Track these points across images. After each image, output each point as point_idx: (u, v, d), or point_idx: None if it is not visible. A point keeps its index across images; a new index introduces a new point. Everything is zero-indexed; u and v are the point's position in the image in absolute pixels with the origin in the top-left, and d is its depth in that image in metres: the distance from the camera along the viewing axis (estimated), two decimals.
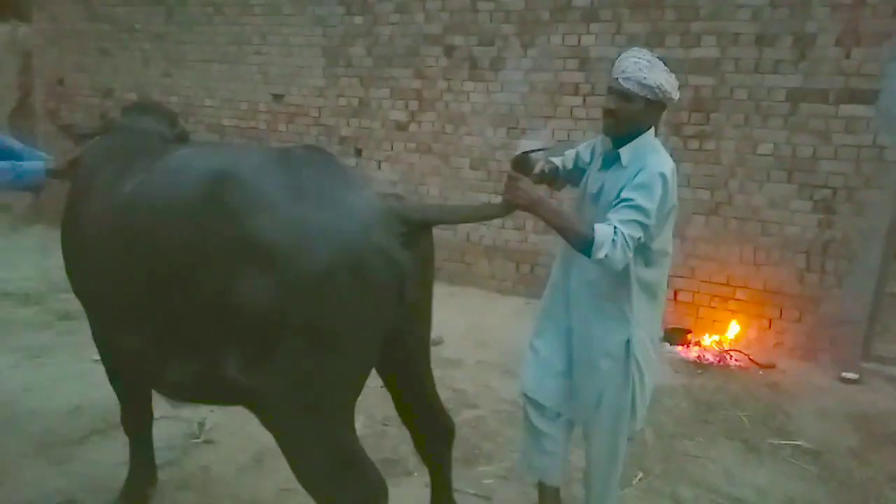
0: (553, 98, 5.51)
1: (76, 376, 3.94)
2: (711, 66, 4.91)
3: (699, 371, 4.57)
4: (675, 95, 2.22)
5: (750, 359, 4.72)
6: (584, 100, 5.40)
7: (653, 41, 5.05)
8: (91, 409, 3.50)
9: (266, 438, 3.26)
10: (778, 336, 4.88)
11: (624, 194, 2.13)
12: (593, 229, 2.05)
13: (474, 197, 5.88)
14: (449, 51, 5.84)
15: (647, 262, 2.27)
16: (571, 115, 5.46)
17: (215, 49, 6.89)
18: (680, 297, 5.17)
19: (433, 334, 4.98)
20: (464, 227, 5.95)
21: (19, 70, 8.79)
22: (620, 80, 2.18)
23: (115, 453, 3.08)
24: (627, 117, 2.20)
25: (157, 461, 3.00)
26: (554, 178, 2.52)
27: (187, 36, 7.02)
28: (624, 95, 2.19)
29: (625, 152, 2.25)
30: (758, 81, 4.79)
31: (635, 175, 2.17)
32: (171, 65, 7.19)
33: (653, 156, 2.20)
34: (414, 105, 6.05)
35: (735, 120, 4.89)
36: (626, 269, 2.19)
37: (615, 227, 2.05)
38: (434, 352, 4.51)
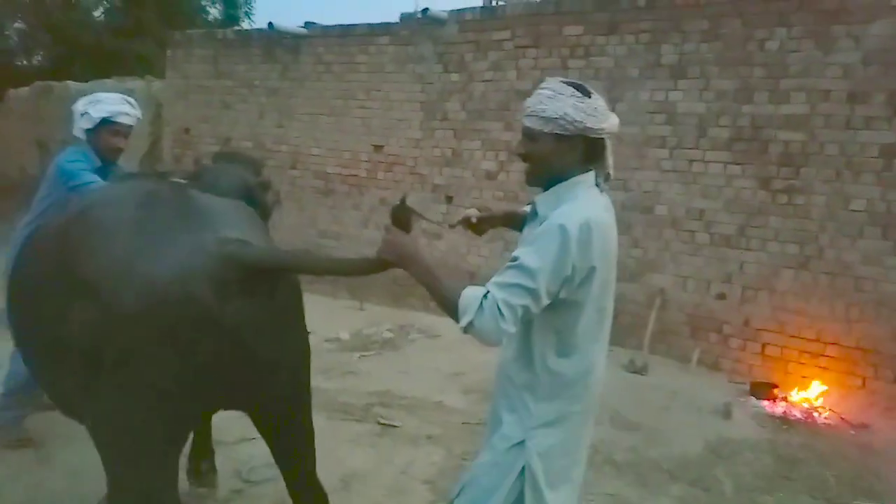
0: (640, 150, 5.66)
1: None
2: (801, 121, 4.94)
3: (785, 427, 4.50)
4: (599, 124, 1.78)
5: (840, 417, 4.60)
6: (671, 153, 5.53)
7: (741, 97, 5.14)
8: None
9: (353, 462, 3.59)
10: (871, 396, 4.74)
11: (514, 252, 1.74)
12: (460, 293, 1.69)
13: None
14: None
15: (562, 351, 1.80)
16: (658, 167, 5.59)
17: (324, 103, 7.49)
18: (768, 350, 5.12)
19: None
20: None
21: (151, 120, 9.80)
22: (524, 118, 1.83)
23: (221, 466, 3.41)
24: (539, 160, 1.83)
25: (257, 478, 3.32)
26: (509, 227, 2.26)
27: (299, 91, 7.67)
28: (529, 135, 1.82)
29: (541, 203, 1.87)
30: (849, 137, 4.78)
31: None
32: (284, 117, 7.85)
33: (566, 205, 1.76)
34: (503, 156, 6.35)
35: (825, 175, 4.88)
36: (532, 353, 1.81)
37: (486, 292, 1.66)
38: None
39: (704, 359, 5.40)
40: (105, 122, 3.35)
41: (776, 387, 4.93)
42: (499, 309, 1.64)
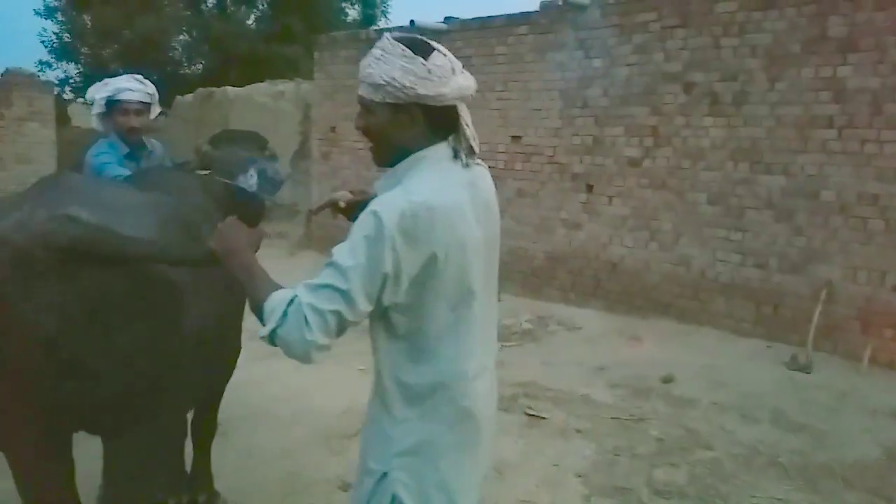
0: (802, 131, 5.24)
1: (344, 381, 4.59)
2: None
3: None
4: (436, 89, 1.46)
5: None
6: (840, 133, 5.08)
7: None
8: (359, 411, 4.07)
9: (503, 452, 3.60)
10: None
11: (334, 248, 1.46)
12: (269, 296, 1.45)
13: (711, 233, 5.76)
14: (688, 87, 5.83)
15: (412, 357, 1.51)
16: (824, 148, 5.15)
17: None
18: None
19: (663, 371, 4.97)
20: (699, 263, 5.84)
21: (300, 120, 10.40)
22: (359, 87, 1.54)
23: None
24: (377, 135, 1.55)
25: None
26: None
27: None
28: (364, 106, 1.54)
29: (379, 185, 1.58)
30: None
31: None
32: None
33: (396, 189, 1.47)
34: (649, 141, 6.12)
35: None
36: (381, 365, 1.54)
37: (294, 295, 1.40)
38: (664, 389, 4.58)
39: (878, 357, 4.93)
40: (113, 103, 3.18)
41: None
42: (305, 316, 1.36)
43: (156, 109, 3.37)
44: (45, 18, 15.56)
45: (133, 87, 3.20)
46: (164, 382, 1.91)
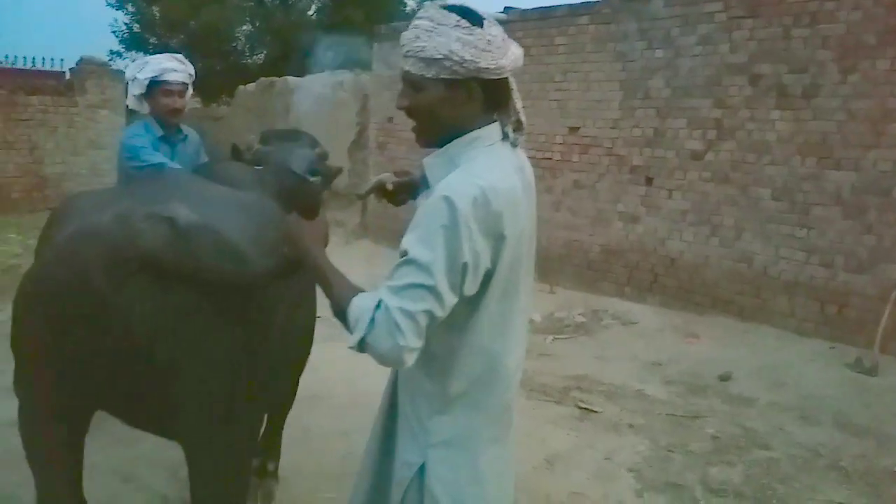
0: (875, 126, 5.04)
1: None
2: None
3: None
4: (497, 60, 1.37)
5: None
6: None
7: None
8: None
9: (555, 444, 3.61)
10: None
11: (402, 241, 1.36)
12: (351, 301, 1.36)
13: (775, 229, 5.60)
14: (755, 79, 5.67)
15: (463, 350, 1.45)
16: None
17: (520, 87, 7.48)
18: None
19: (720, 369, 4.89)
20: (761, 259, 5.69)
21: (358, 110, 10.51)
22: (403, 61, 1.43)
23: None
24: (426, 115, 1.44)
25: None
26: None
27: None
28: (411, 83, 1.43)
29: (431, 167, 1.49)
30: None
31: None
32: None
33: (458, 171, 1.38)
34: (712, 134, 5.98)
35: None
36: (425, 355, 1.40)
37: (379, 300, 1.31)
38: (721, 387, 4.49)
39: None
40: (155, 84, 3.07)
41: None
42: (395, 321, 1.28)
43: (190, 91, 3.27)
44: (117, 10, 16.14)
45: (177, 67, 3.11)
46: (245, 387, 1.86)
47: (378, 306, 1.29)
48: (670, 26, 6.20)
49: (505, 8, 7.67)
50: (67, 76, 10.80)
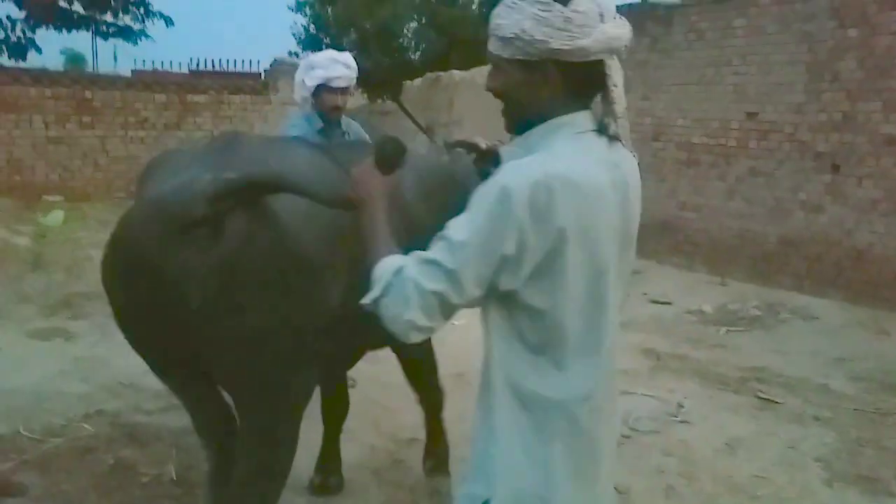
0: None
1: None
2: None
3: None
4: (574, 42, 1.21)
5: None
6: None
7: None
8: None
9: (734, 430, 3.60)
10: None
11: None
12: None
13: None
14: None
15: (535, 368, 1.25)
16: None
17: (693, 72, 7.34)
18: None
19: None
20: None
21: None
22: (489, 42, 1.32)
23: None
24: (508, 98, 1.33)
25: (643, 428, 3.55)
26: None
27: (667, 61, 7.64)
28: (495, 64, 1.32)
29: (508, 154, 1.40)
30: None
31: None
32: (649, 89, 7.90)
33: (530, 157, 1.24)
34: None
35: None
36: (490, 369, 1.28)
37: (402, 265, 1.23)
38: None
39: None
40: (321, 85, 3.25)
41: None
42: (408, 291, 1.20)
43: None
44: (296, 13, 17.50)
45: (342, 73, 3.25)
46: (291, 357, 1.88)
47: (399, 271, 1.22)
48: (866, 3, 5.78)
49: None
50: (262, 76, 11.94)
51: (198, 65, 18.84)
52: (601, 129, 1.30)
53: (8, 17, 12.64)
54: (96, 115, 10.11)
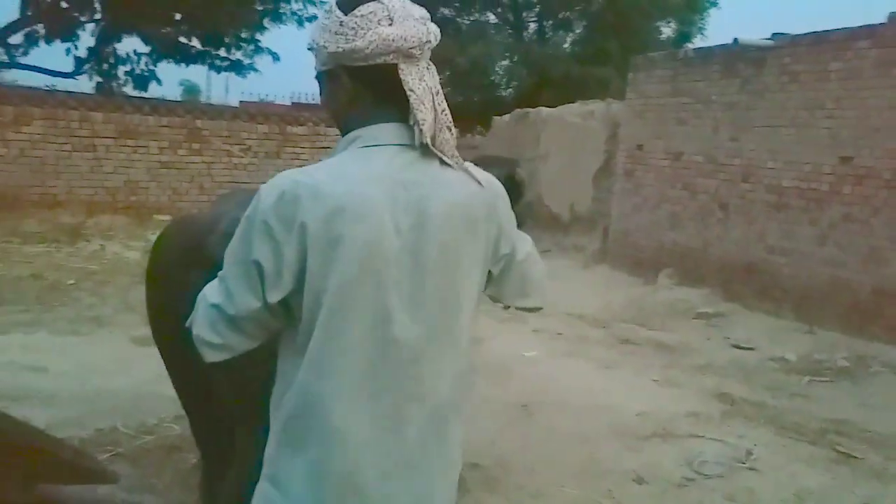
0: None
1: (640, 387, 4.78)
2: None
3: None
4: (347, 43, 1.16)
5: None
6: None
7: None
8: (654, 416, 4.24)
9: (806, 481, 3.48)
10: None
11: None
12: None
13: None
14: None
15: (285, 374, 1.22)
16: None
17: (785, 115, 7.19)
18: None
19: None
20: None
21: (607, 138, 10.72)
22: None
23: (673, 456, 3.70)
24: (328, 111, 1.33)
25: (708, 472, 3.50)
26: None
27: (758, 103, 7.52)
28: (320, 83, 1.30)
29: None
30: None
31: None
32: (739, 130, 7.78)
33: (293, 169, 1.25)
34: None
35: None
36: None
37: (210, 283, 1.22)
38: None
39: None
40: None
41: None
42: (196, 307, 1.20)
43: None
44: None
45: None
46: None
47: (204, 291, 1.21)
48: None
49: (773, 34, 7.40)
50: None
51: (299, 98, 19.98)
52: (413, 143, 1.19)
53: (135, 52, 13.96)
54: (204, 142, 11.09)
